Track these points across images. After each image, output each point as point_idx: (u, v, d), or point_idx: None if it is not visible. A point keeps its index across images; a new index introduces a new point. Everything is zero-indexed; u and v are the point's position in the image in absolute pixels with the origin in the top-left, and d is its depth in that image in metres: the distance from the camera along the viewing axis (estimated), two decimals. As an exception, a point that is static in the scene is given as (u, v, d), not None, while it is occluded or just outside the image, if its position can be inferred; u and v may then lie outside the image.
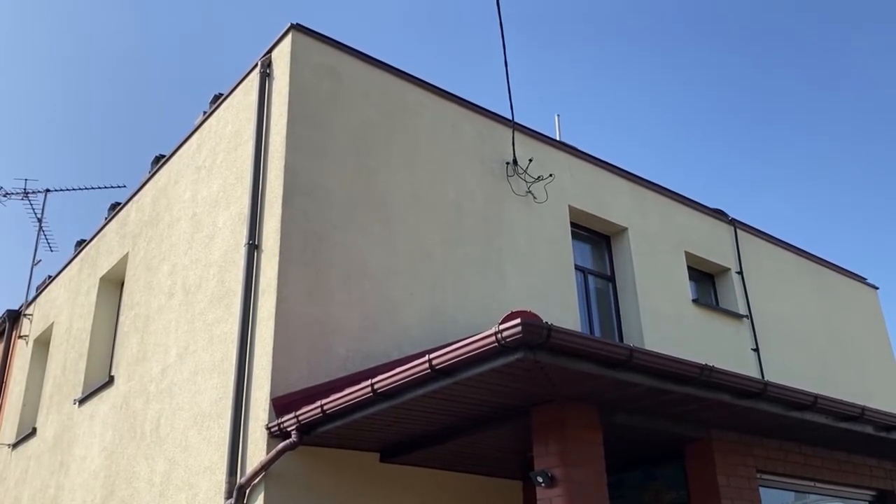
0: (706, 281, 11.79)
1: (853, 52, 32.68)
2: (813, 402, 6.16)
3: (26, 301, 13.41)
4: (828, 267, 13.76)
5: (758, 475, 6.75)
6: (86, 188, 14.47)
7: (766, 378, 10.20)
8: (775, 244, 12.90)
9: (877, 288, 14.66)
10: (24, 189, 13.56)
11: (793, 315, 12.34)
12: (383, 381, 5.52)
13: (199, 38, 39.42)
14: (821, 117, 35.01)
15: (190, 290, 8.42)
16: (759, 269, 12.18)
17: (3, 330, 13.76)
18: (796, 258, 13.18)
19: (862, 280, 14.44)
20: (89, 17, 38.73)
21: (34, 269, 13.59)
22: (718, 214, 12.12)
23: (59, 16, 38.81)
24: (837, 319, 13.22)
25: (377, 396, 5.62)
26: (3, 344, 13.67)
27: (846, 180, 34.38)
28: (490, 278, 8.59)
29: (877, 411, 6.69)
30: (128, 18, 38.57)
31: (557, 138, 10.69)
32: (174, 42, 39.65)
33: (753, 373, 10.88)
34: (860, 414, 6.52)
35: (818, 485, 7.35)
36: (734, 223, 12.22)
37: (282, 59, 8.14)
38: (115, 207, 11.56)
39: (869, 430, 6.79)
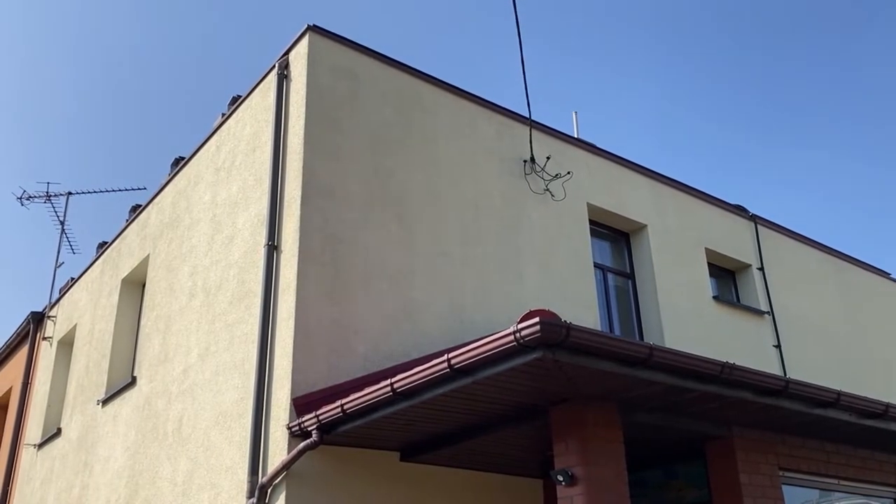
0: (727, 277, 11.71)
1: (870, 44, 32.30)
2: (836, 400, 6.11)
3: (50, 303, 13.56)
4: (850, 262, 13.61)
5: (781, 473, 6.70)
6: (106, 191, 14.63)
7: (789, 375, 10.13)
8: (797, 239, 12.78)
9: (901, 283, 14.51)
10: (47, 192, 13.73)
11: (815, 311, 12.22)
12: (403, 380, 5.53)
13: (216, 40, 39.67)
14: (839, 111, 34.65)
15: (210, 291, 8.47)
16: (780, 265, 12.07)
17: (28, 332, 13.93)
18: (818, 253, 13.05)
19: (885, 275, 14.27)
20: (105, 20, 39.07)
21: (57, 272, 13.77)
22: (739, 210, 12.02)
23: (77, 18, 39.18)
24: (860, 315, 13.07)
25: (397, 396, 5.63)
26: (27, 345, 13.83)
27: (867, 174, 34.02)
28: (508, 277, 8.58)
29: (901, 408, 6.63)
30: (145, 20, 38.88)
31: (575, 135, 10.65)
32: (192, 44, 39.92)
33: (775, 370, 10.80)
34: (884, 411, 6.46)
35: (842, 482, 7.28)
36: (755, 219, 12.12)
37: (299, 60, 8.17)
38: (136, 209, 11.65)
39: (893, 427, 6.72)
